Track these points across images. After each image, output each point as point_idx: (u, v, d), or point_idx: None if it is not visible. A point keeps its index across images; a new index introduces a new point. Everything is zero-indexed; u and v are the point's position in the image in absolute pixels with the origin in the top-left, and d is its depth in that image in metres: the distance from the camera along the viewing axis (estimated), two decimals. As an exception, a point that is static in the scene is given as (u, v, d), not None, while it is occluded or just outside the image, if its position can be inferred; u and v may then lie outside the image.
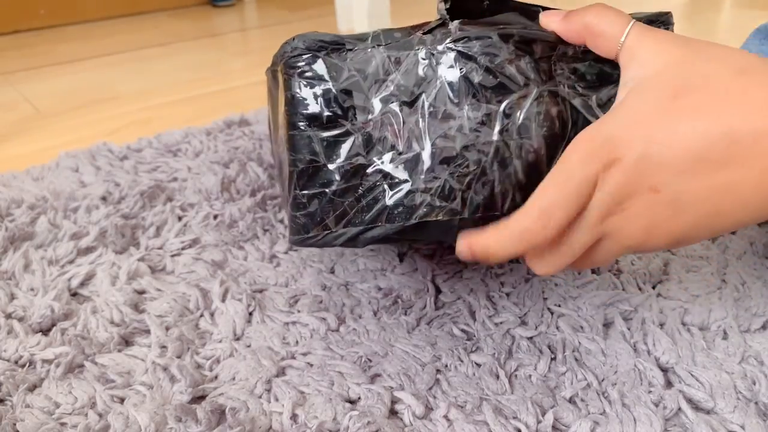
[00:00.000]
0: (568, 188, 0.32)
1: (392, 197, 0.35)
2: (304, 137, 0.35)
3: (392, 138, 0.35)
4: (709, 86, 0.29)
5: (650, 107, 0.31)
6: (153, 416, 0.38)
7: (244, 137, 0.78)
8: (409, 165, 0.35)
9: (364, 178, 0.35)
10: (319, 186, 0.35)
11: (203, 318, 0.47)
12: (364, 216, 0.35)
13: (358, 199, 0.35)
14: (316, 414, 0.38)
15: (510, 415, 0.38)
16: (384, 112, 0.35)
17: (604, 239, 0.34)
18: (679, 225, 0.31)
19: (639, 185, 0.31)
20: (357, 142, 0.35)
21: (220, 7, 1.64)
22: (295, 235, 0.36)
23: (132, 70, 1.14)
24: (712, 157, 0.29)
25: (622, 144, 0.31)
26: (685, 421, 0.37)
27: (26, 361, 0.43)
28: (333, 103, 0.35)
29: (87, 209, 0.62)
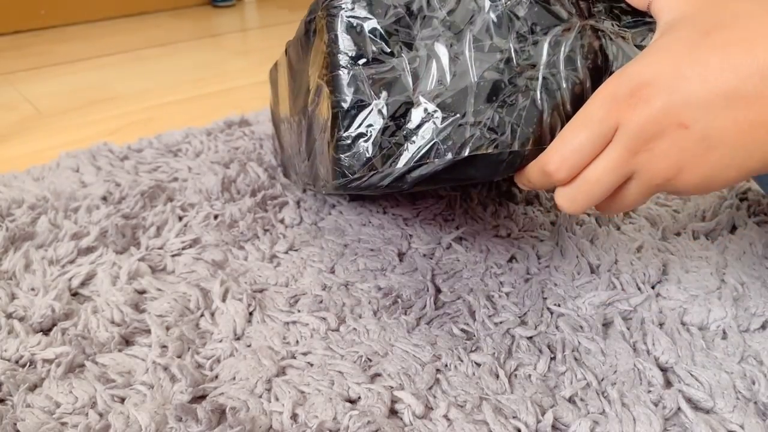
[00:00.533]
0: (585, 129, 0.32)
1: (441, 132, 0.34)
2: (348, 76, 0.34)
3: (439, 73, 0.34)
4: (741, 23, 0.29)
5: (681, 45, 0.30)
6: (153, 416, 0.38)
7: (244, 137, 0.78)
8: (457, 99, 0.34)
9: (412, 113, 0.34)
10: (365, 125, 0.34)
11: (204, 318, 0.47)
12: (413, 153, 0.35)
13: (406, 136, 0.35)
14: (316, 413, 0.38)
15: (510, 414, 0.38)
16: (430, 47, 0.34)
17: (632, 179, 0.33)
18: (710, 162, 0.31)
19: (667, 122, 0.30)
20: (404, 79, 0.34)
21: (220, 7, 1.65)
22: (339, 178, 0.35)
23: (132, 70, 1.14)
24: (744, 92, 0.29)
25: (650, 83, 0.31)
26: (685, 420, 0.37)
27: (27, 360, 0.43)
28: (378, 40, 0.34)
29: (87, 209, 0.62)
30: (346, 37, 0.34)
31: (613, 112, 0.32)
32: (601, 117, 0.32)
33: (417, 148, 0.35)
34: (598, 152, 0.32)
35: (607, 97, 0.32)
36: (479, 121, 0.35)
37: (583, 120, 0.33)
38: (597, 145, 0.32)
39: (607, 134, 0.32)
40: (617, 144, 0.32)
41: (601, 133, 0.32)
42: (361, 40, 0.34)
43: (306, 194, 0.64)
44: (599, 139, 0.32)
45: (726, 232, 0.55)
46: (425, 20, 0.34)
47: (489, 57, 0.35)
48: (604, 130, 0.32)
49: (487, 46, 0.35)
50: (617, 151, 0.32)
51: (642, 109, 0.31)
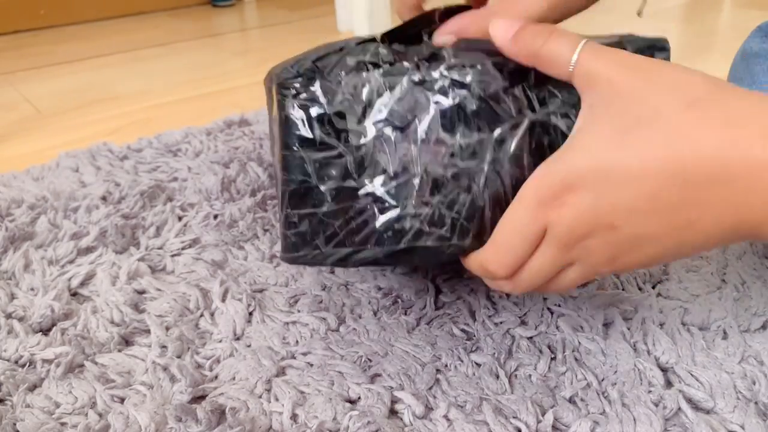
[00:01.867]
0: (515, 234, 0.33)
1: (382, 221, 0.35)
2: (296, 158, 0.35)
3: (384, 162, 0.35)
4: (660, 121, 0.28)
5: (603, 144, 0.30)
6: (153, 416, 0.38)
7: (244, 137, 0.78)
8: (399, 190, 0.35)
9: (355, 200, 0.35)
10: (311, 206, 0.36)
11: (203, 318, 0.47)
12: (354, 238, 0.36)
13: (349, 221, 0.36)
14: (316, 414, 0.38)
15: (510, 414, 0.38)
16: (377, 136, 0.35)
17: (573, 265, 0.34)
18: (643, 253, 0.32)
19: (596, 223, 0.31)
20: (349, 165, 0.35)
21: (220, 7, 1.65)
22: (286, 252, 0.37)
23: (132, 70, 1.14)
24: (667, 198, 0.29)
25: (574, 184, 0.31)
26: (685, 420, 0.37)
27: (26, 360, 0.43)
28: (326, 126, 0.35)
29: (87, 209, 0.62)
30: (295, 119, 0.35)
31: (540, 215, 0.32)
32: (528, 221, 0.32)
33: (359, 233, 0.36)
34: (532, 250, 0.33)
35: (533, 201, 0.32)
36: (419, 213, 0.35)
37: (512, 224, 0.33)
38: (529, 245, 0.33)
39: (538, 234, 0.33)
40: (549, 243, 0.33)
41: (530, 235, 0.33)
42: (310, 124, 0.35)
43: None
44: (531, 241, 0.33)
45: (726, 232, 0.55)
46: (374, 109, 0.34)
47: (434, 150, 0.35)
48: (534, 231, 0.32)
49: (432, 140, 0.35)
50: (551, 249, 0.33)
51: (568, 212, 0.31)
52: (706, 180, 0.28)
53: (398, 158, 0.35)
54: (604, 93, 0.31)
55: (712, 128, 0.27)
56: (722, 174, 0.27)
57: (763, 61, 0.51)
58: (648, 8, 1.46)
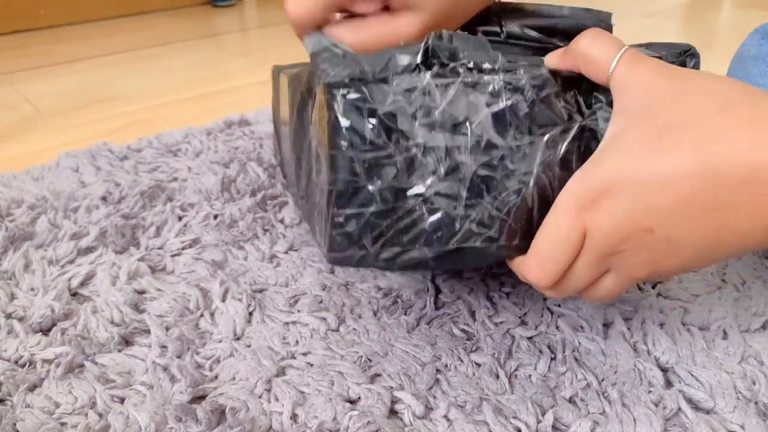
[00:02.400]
0: (555, 239, 0.34)
1: (431, 221, 0.35)
2: (345, 158, 0.34)
3: (434, 163, 0.35)
4: (692, 124, 0.29)
5: (638, 147, 0.31)
6: (153, 416, 0.38)
7: (244, 137, 0.78)
8: (449, 191, 0.35)
9: (404, 201, 0.35)
10: (358, 206, 0.35)
11: (203, 318, 0.47)
12: (403, 238, 0.36)
13: (397, 221, 0.35)
14: (316, 414, 0.38)
15: (510, 414, 0.38)
16: (428, 137, 0.34)
17: (610, 272, 0.35)
18: (680, 259, 0.32)
19: (632, 227, 0.31)
20: (399, 165, 0.35)
21: (220, 7, 1.65)
22: (332, 252, 0.36)
23: (132, 70, 1.14)
24: (701, 201, 0.29)
25: (611, 190, 0.31)
26: (685, 420, 0.37)
27: (26, 360, 0.43)
28: (377, 126, 0.34)
29: (87, 209, 0.62)
30: (345, 119, 0.34)
31: (579, 221, 0.33)
32: (568, 227, 0.33)
33: (408, 235, 0.36)
34: (573, 256, 0.34)
35: (571, 207, 0.33)
36: (469, 214, 0.35)
37: (553, 231, 0.34)
38: (570, 252, 0.34)
39: (578, 241, 0.33)
40: (589, 249, 0.33)
41: (571, 241, 0.33)
42: (360, 124, 0.34)
43: (306, 194, 0.64)
44: (571, 247, 0.33)
45: (726, 232, 0.55)
46: (425, 109, 0.34)
47: (484, 153, 0.35)
48: (574, 238, 0.33)
49: (484, 141, 0.35)
50: (590, 255, 0.33)
51: (606, 216, 0.32)
52: (740, 181, 0.28)
53: (448, 159, 0.35)
54: (639, 98, 0.31)
55: (744, 131, 0.28)
56: (755, 175, 0.27)
57: (760, 64, 0.51)
58: (648, 8, 1.46)
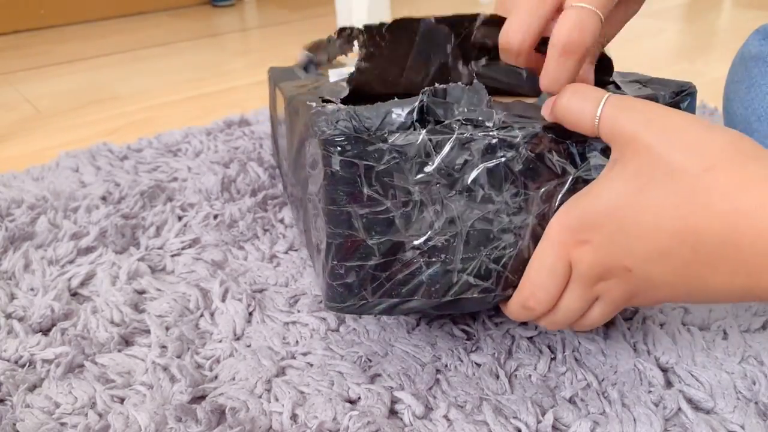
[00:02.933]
0: (543, 271, 0.35)
1: (429, 273, 0.36)
2: (343, 213, 0.35)
3: (431, 217, 0.35)
4: (674, 182, 0.29)
5: (619, 194, 0.31)
6: (153, 416, 0.38)
7: (244, 137, 0.78)
8: (447, 244, 0.36)
9: (403, 253, 0.36)
10: (358, 259, 0.36)
11: (203, 318, 0.47)
12: (401, 289, 0.37)
13: (396, 273, 0.36)
14: (316, 414, 0.38)
15: (510, 415, 0.38)
16: (424, 192, 0.35)
17: (598, 300, 0.36)
18: (658, 295, 0.33)
19: (612, 265, 0.33)
20: (396, 220, 0.35)
21: (220, 7, 1.65)
22: (332, 302, 0.37)
23: (132, 70, 1.14)
24: (679, 255, 0.30)
25: (593, 226, 0.33)
26: (685, 421, 0.37)
27: (26, 361, 0.43)
28: (374, 182, 0.35)
29: (87, 209, 0.62)
30: (341, 176, 0.34)
31: (563, 254, 0.34)
32: (554, 259, 0.34)
33: (406, 285, 0.36)
34: (562, 286, 0.35)
35: (555, 240, 0.34)
36: (466, 267, 0.36)
37: (541, 262, 0.35)
38: (559, 282, 0.35)
39: (564, 272, 0.35)
40: (576, 281, 0.35)
41: (558, 272, 0.35)
42: (357, 181, 0.34)
43: (306, 194, 0.64)
44: (559, 278, 0.35)
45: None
46: (420, 166, 0.35)
47: (480, 207, 0.36)
48: (560, 269, 0.35)
49: (479, 196, 0.35)
50: (578, 286, 0.35)
51: (588, 253, 0.33)
52: (718, 243, 0.28)
53: (445, 214, 0.35)
54: (625, 148, 0.32)
55: (725, 195, 0.28)
56: (734, 238, 0.28)
57: (761, 64, 0.51)
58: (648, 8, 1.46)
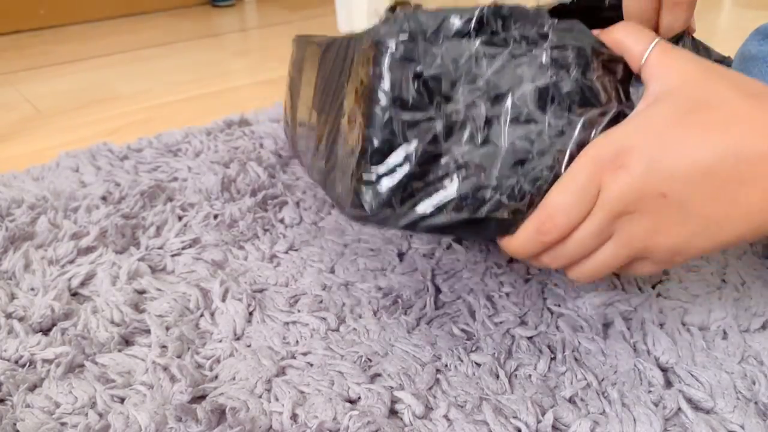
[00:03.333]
0: (570, 192, 0.34)
1: (463, 188, 0.35)
2: (385, 116, 0.34)
3: (472, 130, 0.34)
4: (721, 106, 0.31)
5: (664, 119, 0.32)
6: (153, 416, 0.38)
7: (244, 137, 0.78)
8: (484, 160, 0.35)
9: (438, 165, 0.35)
10: (392, 165, 0.35)
11: (203, 318, 0.47)
12: (431, 201, 0.35)
13: (428, 183, 0.35)
14: (316, 414, 0.38)
15: (510, 414, 0.38)
16: (469, 104, 0.34)
17: (608, 241, 0.35)
18: (684, 230, 0.33)
19: (647, 190, 0.32)
20: (437, 129, 0.34)
21: (220, 7, 1.65)
22: (356, 209, 0.36)
23: (132, 70, 1.14)
24: (720, 172, 0.31)
25: (632, 150, 0.32)
26: (685, 420, 0.37)
27: (26, 360, 0.43)
28: (421, 87, 0.34)
29: (87, 209, 0.62)
30: (390, 76, 0.34)
31: (596, 176, 0.33)
32: (584, 181, 0.33)
33: (437, 199, 0.35)
34: (585, 213, 0.34)
35: (590, 161, 0.33)
36: (501, 185, 0.35)
37: (569, 184, 0.34)
38: (583, 207, 0.34)
39: (592, 196, 0.34)
40: (599, 210, 0.34)
41: (586, 194, 0.34)
42: (404, 83, 0.34)
43: (306, 194, 0.64)
44: (585, 202, 0.34)
45: (726, 232, 0.55)
46: (470, 76, 0.34)
47: (523, 126, 0.35)
48: (590, 191, 0.34)
49: (523, 115, 0.35)
50: (600, 216, 0.34)
51: (623, 175, 0.32)
52: (758, 155, 0.30)
53: (487, 129, 0.34)
54: (671, 81, 0.33)
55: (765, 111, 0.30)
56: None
57: (761, 64, 0.51)
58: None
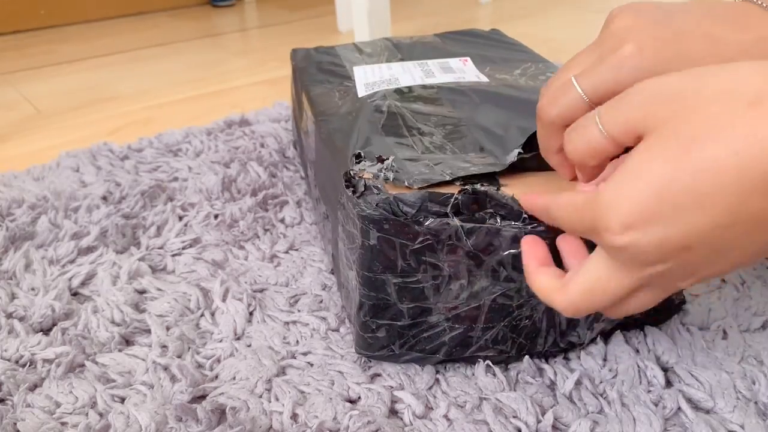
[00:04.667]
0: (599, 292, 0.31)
1: (452, 336, 0.40)
2: (378, 280, 0.38)
3: (457, 289, 0.39)
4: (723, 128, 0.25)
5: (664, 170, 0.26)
6: (153, 416, 0.38)
7: (244, 137, 0.78)
8: (470, 314, 0.39)
9: (429, 317, 0.40)
10: (389, 319, 0.40)
11: (204, 317, 0.47)
12: (426, 346, 0.41)
13: (422, 332, 0.40)
14: (316, 413, 0.38)
15: (510, 414, 0.38)
16: (452, 268, 0.38)
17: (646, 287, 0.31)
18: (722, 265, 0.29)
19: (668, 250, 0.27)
20: (426, 290, 0.39)
21: (220, 7, 1.65)
22: (363, 350, 0.42)
23: (132, 70, 1.14)
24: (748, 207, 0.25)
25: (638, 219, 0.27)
26: (685, 420, 0.37)
27: (27, 360, 0.43)
28: (408, 257, 0.37)
29: (88, 209, 0.62)
30: (378, 249, 0.37)
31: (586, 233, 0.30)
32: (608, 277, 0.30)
33: (431, 344, 0.40)
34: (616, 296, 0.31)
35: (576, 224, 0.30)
36: (485, 334, 0.40)
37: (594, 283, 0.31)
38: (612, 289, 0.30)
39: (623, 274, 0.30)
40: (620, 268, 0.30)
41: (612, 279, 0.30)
42: (392, 255, 0.37)
43: (306, 194, 0.64)
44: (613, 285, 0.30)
45: (726, 232, 0.55)
46: (451, 247, 0.37)
47: (503, 284, 0.38)
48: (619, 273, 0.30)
49: (502, 276, 0.38)
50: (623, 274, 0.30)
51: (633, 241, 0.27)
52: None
53: (470, 287, 0.39)
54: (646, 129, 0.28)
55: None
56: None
57: None
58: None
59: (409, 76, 0.55)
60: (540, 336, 0.41)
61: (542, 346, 0.41)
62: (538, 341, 0.41)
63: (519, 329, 0.40)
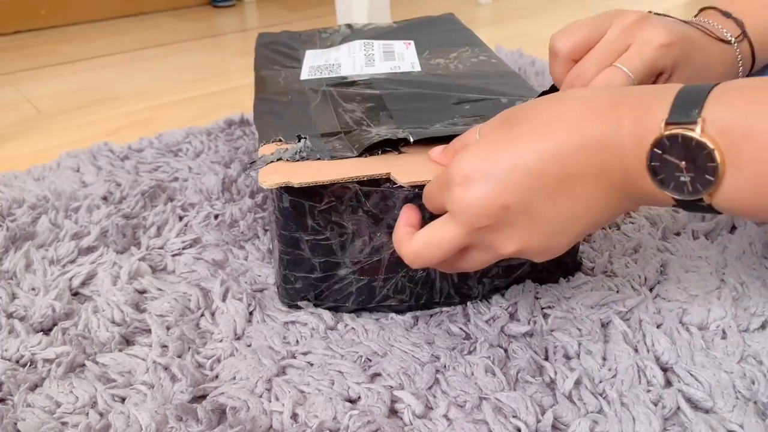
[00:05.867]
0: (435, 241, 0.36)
1: (358, 287, 0.46)
2: (293, 237, 0.44)
3: (361, 245, 0.44)
4: (536, 115, 0.34)
5: (492, 137, 0.34)
6: (154, 415, 0.38)
7: (244, 137, 0.78)
8: (372, 266, 0.45)
9: (338, 270, 0.45)
10: (304, 271, 0.45)
11: (204, 317, 0.47)
12: (337, 296, 0.47)
13: (333, 284, 0.46)
14: (316, 413, 0.39)
15: (510, 413, 0.38)
16: (356, 227, 0.43)
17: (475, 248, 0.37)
18: (538, 233, 0.34)
19: (489, 204, 0.33)
20: (334, 246, 0.44)
21: (220, 7, 1.65)
22: (285, 299, 0.48)
23: (132, 70, 1.14)
24: (550, 173, 0.32)
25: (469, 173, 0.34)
26: (684, 420, 0.37)
27: (27, 360, 0.43)
28: (317, 217, 0.43)
29: (88, 209, 0.62)
30: (290, 211, 0.43)
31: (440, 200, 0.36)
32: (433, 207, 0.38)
33: (341, 293, 0.46)
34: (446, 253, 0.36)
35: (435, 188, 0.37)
36: (386, 284, 0.46)
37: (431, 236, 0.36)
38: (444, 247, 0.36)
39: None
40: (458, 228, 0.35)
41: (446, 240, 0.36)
42: (303, 216, 0.43)
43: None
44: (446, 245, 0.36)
45: (726, 231, 0.55)
46: (352, 209, 0.43)
47: None
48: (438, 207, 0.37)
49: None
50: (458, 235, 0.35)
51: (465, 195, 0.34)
52: (577, 150, 0.32)
53: (371, 243, 0.44)
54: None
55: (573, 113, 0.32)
56: (589, 143, 0.31)
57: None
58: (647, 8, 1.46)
59: (351, 63, 0.60)
60: (435, 286, 0.46)
61: (438, 296, 0.46)
62: (434, 292, 0.46)
63: (415, 279, 0.46)
